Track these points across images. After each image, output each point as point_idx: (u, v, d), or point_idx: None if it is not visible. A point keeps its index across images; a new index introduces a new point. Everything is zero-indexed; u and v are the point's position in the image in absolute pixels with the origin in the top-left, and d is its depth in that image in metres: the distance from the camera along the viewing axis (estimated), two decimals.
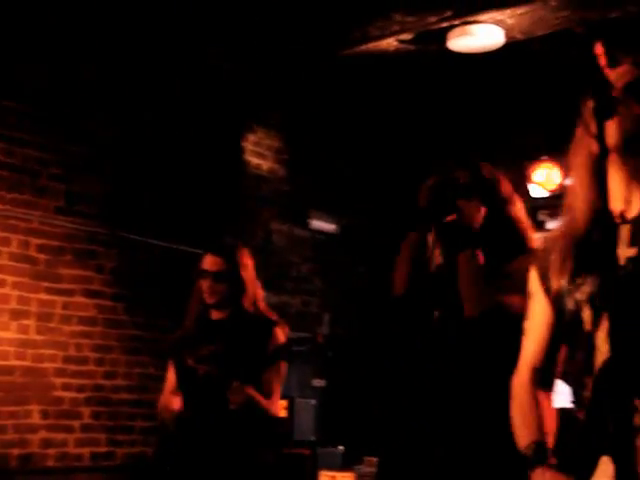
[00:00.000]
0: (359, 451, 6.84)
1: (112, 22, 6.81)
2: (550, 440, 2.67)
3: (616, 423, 2.39)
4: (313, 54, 7.55)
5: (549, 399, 2.75)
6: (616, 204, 2.52)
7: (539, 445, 2.62)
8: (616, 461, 2.41)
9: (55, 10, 6.54)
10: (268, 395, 4.58)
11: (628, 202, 2.53)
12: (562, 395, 2.83)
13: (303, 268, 8.46)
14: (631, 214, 2.49)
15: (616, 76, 2.22)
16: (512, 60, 7.32)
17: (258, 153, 8.11)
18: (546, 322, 2.74)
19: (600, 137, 2.15)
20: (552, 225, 8.77)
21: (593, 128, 2.27)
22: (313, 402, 7.42)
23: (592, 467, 2.48)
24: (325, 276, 8.69)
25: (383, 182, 8.75)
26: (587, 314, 2.51)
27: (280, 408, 6.62)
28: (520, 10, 6.65)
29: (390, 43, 7.23)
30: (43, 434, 6.42)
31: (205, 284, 4.72)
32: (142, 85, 7.08)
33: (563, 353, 2.75)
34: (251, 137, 8.06)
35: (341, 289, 8.78)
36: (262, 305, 5.08)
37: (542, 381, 2.74)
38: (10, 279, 6.52)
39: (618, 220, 2.51)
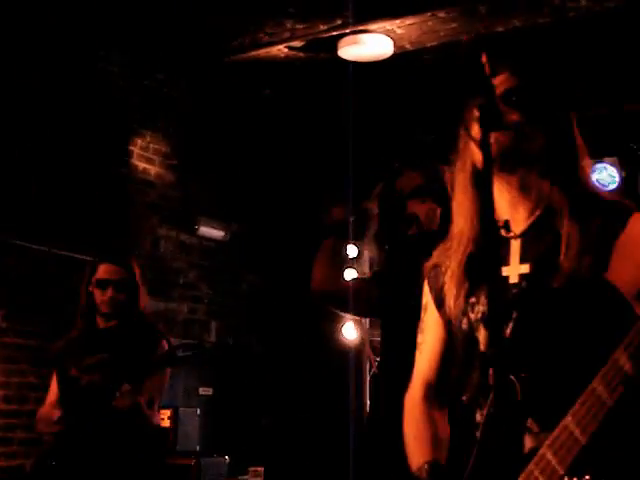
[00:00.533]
0: (245, 461, 6.85)
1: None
2: (443, 456, 2.62)
3: (507, 444, 2.36)
4: (202, 59, 7.51)
5: (444, 416, 2.72)
6: (503, 218, 2.48)
7: (433, 466, 2.57)
8: None
9: None
10: (150, 404, 4.56)
11: (515, 216, 2.49)
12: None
13: (190, 275, 8.47)
14: (519, 228, 2.46)
15: (495, 84, 2.20)
16: (401, 69, 7.39)
17: (146, 157, 8.06)
18: (439, 338, 2.72)
19: (484, 147, 2.11)
20: None
21: (477, 137, 2.23)
22: (198, 411, 7.37)
23: None
24: (213, 283, 8.71)
25: (272, 189, 8.80)
26: (482, 334, 2.49)
27: (163, 417, 6.61)
28: (409, 21, 6.74)
29: (280, 50, 7.31)
30: None
31: (106, 293, 4.69)
32: (29, 85, 6.92)
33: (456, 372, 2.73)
34: (139, 141, 7.99)
35: (229, 296, 8.81)
36: (147, 313, 5.08)
37: (436, 398, 2.71)
38: None
39: (506, 235, 2.47)
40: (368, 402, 8.72)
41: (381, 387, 4.25)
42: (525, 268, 2.42)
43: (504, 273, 2.32)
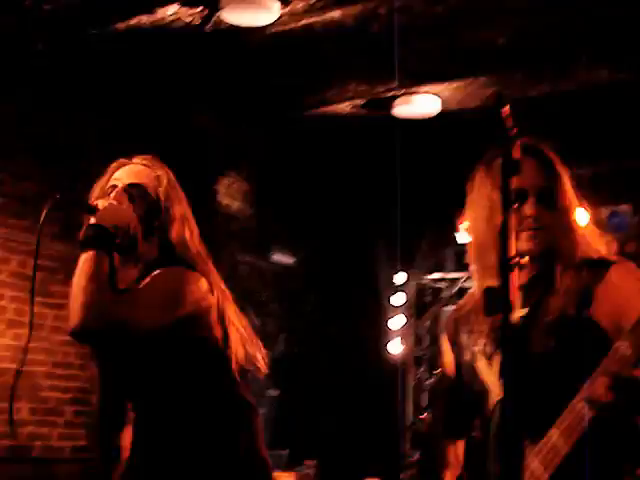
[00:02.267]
0: (302, 455, 6.86)
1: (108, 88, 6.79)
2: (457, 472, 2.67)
3: (506, 460, 2.42)
4: (279, 114, 7.47)
5: (454, 445, 2.72)
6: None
7: None
8: None
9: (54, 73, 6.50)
10: None
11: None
12: None
13: (263, 295, 8.42)
14: (523, 279, 2.47)
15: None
16: (447, 126, 7.27)
17: (229, 195, 8.13)
18: (449, 373, 2.73)
19: (505, 192, 2.02)
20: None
21: (498, 182, 2.15)
22: (262, 410, 7.28)
23: None
24: (282, 302, 8.64)
25: (333, 224, 8.70)
26: (482, 363, 2.54)
27: None
28: (454, 84, 6.73)
29: (344, 108, 7.26)
30: (30, 428, 6.34)
31: None
32: (135, 139, 6.90)
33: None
34: (224, 181, 8.04)
35: (295, 313, 8.75)
36: None
37: (449, 426, 2.74)
38: (8, 293, 6.44)
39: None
40: (410, 409, 8.65)
41: None
42: (524, 312, 2.46)
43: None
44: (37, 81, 6.42)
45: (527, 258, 2.49)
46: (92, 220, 2.58)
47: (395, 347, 8.44)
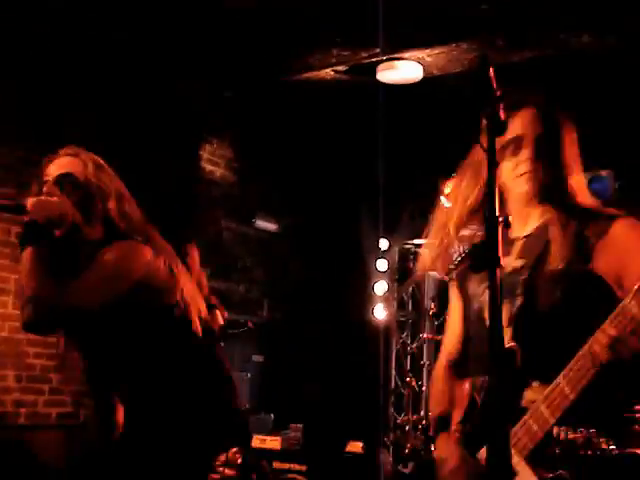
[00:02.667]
0: (287, 419, 6.87)
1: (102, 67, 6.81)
2: (458, 413, 2.71)
3: (506, 401, 2.47)
4: (261, 80, 7.53)
5: (461, 386, 2.77)
6: (515, 221, 2.55)
7: (443, 417, 2.71)
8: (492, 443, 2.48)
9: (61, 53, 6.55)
10: None
11: (525, 220, 2.59)
12: None
13: (247, 261, 8.48)
14: (525, 232, 2.57)
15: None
16: (430, 92, 7.33)
17: (212, 161, 8.14)
18: (459, 323, 2.82)
19: (490, 152, 2.05)
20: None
21: (484, 143, 2.19)
22: (248, 375, 7.38)
23: (481, 444, 2.55)
24: (266, 268, 8.70)
25: (317, 190, 8.79)
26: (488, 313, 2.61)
27: None
28: (437, 50, 6.71)
29: (327, 73, 7.26)
30: (16, 395, 6.34)
31: None
32: (123, 109, 7.04)
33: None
34: (207, 148, 8.09)
35: (279, 279, 8.80)
36: (205, 291, 5.08)
37: (456, 370, 2.80)
38: None
39: (512, 237, 2.58)
40: (393, 372, 8.75)
41: None
42: (520, 262, 2.53)
43: (502, 263, 2.40)
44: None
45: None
46: (25, 218, 2.68)
47: (379, 312, 8.50)
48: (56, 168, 2.85)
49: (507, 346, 2.50)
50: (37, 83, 6.53)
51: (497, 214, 1.98)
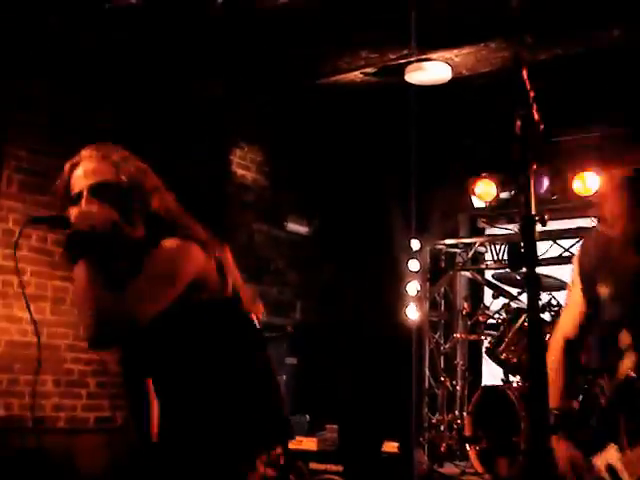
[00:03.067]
0: (322, 420, 6.90)
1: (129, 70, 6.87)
2: (572, 405, 2.90)
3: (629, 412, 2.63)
4: (291, 84, 7.57)
5: (578, 368, 2.97)
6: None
7: (561, 414, 2.82)
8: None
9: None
10: None
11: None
12: None
13: (280, 263, 8.49)
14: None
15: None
16: (459, 92, 7.40)
17: (243, 165, 8.15)
18: (579, 310, 2.98)
19: (524, 151, 2.10)
20: (490, 230, 9.02)
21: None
22: (284, 377, 7.40)
23: (600, 449, 2.73)
24: (298, 270, 8.70)
25: (348, 192, 8.76)
26: (609, 299, 2.83)
27: None
28: (465, 50, 6.76)
29: (356, 75, 7.30)
30: (55, 400, 6.41)
31: None
32: (156, 113, 7.07)
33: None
34: (238, 152, 8.10)
35: (311, 281, 8.80)
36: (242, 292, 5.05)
37: (572, 352, 2.97)
38: (29, 268, 6.47)
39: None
40: (427, 372, 8.71)
41: None
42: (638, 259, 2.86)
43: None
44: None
45: None
46: (69, 231, 2.59)
47: (412, 312, 8.43)
48: (85, 178, 2.70)
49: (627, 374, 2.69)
50: (69, 86, 6.63)
51: (533, 213, 2.03)
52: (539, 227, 2.21)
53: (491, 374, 8.03)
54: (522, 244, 2.03)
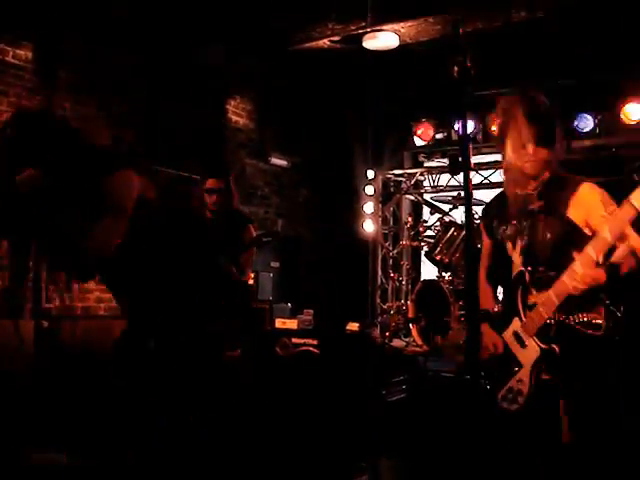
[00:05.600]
0: (301, 306, 6.84)
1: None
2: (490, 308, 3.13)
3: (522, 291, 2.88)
4: (275, 49, 7.44)
5: (491, 291, 3.17)
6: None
7: (485, 311, 3.07)
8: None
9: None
10: (243, 270, 4.63)
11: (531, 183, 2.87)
12: None
13: (265, 190, 8.44)
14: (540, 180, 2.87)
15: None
16: (404, 56, 7.31)
17: (237, 113, 8.04)
18: (487, 248, 3.14)
19: (460, 86, 2.10)
20: (428, 163, 8.89)
21: (526, 119, 2.67)
22: (271, 275, 7.43)
23: (507, 324, 2.97)
24: (279, 195, 8.66)
25: (319, 134, 8.65)
26: (509, 245, 2.98)
27: (250, 278, 6.81)
28: (409, 23, 6.77)
29: (325, 42, 7.27)
30: (97, 294, 6.48)
31: (212, 198, 4.71)
32: (163, 75, 6.96)
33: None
34: (232, 103, 7.99)
35: (289, 203, 8.80)
36: (240, 210, 5.01)
37: (487, 278, 3.16)
38: None
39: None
40: (379, 271, 8.73)
41: None
42: (539, 204, 2.87)
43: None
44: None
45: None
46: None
47: (368, 226, 8.61)
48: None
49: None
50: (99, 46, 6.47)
51: (467, 133, 2.13)
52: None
53: (428, 272, 8.15)
54: (459, 156, 2.08)
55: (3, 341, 5.74)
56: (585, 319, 2.78)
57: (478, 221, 6.90)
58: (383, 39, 6.96)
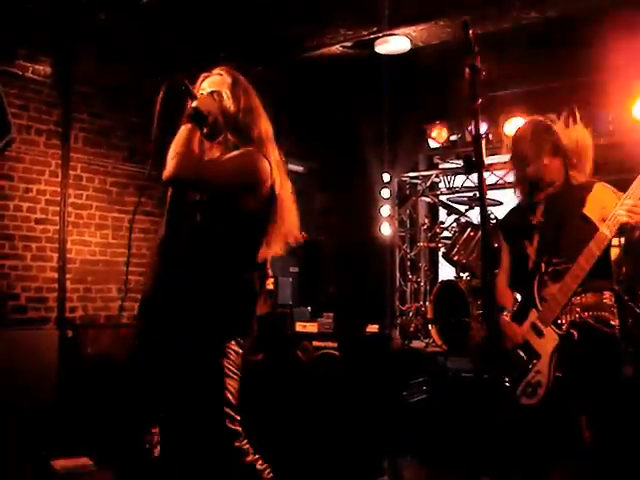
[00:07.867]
0: (320, 310, 6.92)
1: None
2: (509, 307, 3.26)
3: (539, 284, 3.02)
4: (290, 56, 7.43)
5: (511, 293, 3.29)
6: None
7: (501, 307, 3.20)
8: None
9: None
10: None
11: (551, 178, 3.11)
12: None
13: None
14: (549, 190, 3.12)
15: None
16: (416, 58, 7.27)
17: None
18: (506, 255, 3.30)
19: (473, 90, 2.13)
20: (443, 165, 8.87)
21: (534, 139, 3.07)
22: (290, 280, 7.44)
23: (525, 317, 3.10)
24: (297, 200, 8.51)
25: (335, 139, 8.61)
26: (526, 244, 3.12)
27: (270, 283, 6.63)
28: (420, 27, 6.75)
29: (337, 48, 7.23)
30: (119, 303, 6.59)
31: None
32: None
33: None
34: None
35: (307, 209, 8.30)
36: None
37: (508, 283, 3.29)
38: (94, 204, 6.63)
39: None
40: (397, 273, 8.74)
41: None
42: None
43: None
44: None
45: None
46: (194, 104, 2.77)
47: (385, 229, 8.60)
48: (209, 85, 2.91)
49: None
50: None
51: (480, 133, 2.16)
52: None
53: (446, 272, 8.13)
54: (474, 156, 2.12)
55: (28, 350, 5.86)
56: (601, 316, 2.89)
57: (494, 221, 6.87)
58: (395, 43, 6.97)
